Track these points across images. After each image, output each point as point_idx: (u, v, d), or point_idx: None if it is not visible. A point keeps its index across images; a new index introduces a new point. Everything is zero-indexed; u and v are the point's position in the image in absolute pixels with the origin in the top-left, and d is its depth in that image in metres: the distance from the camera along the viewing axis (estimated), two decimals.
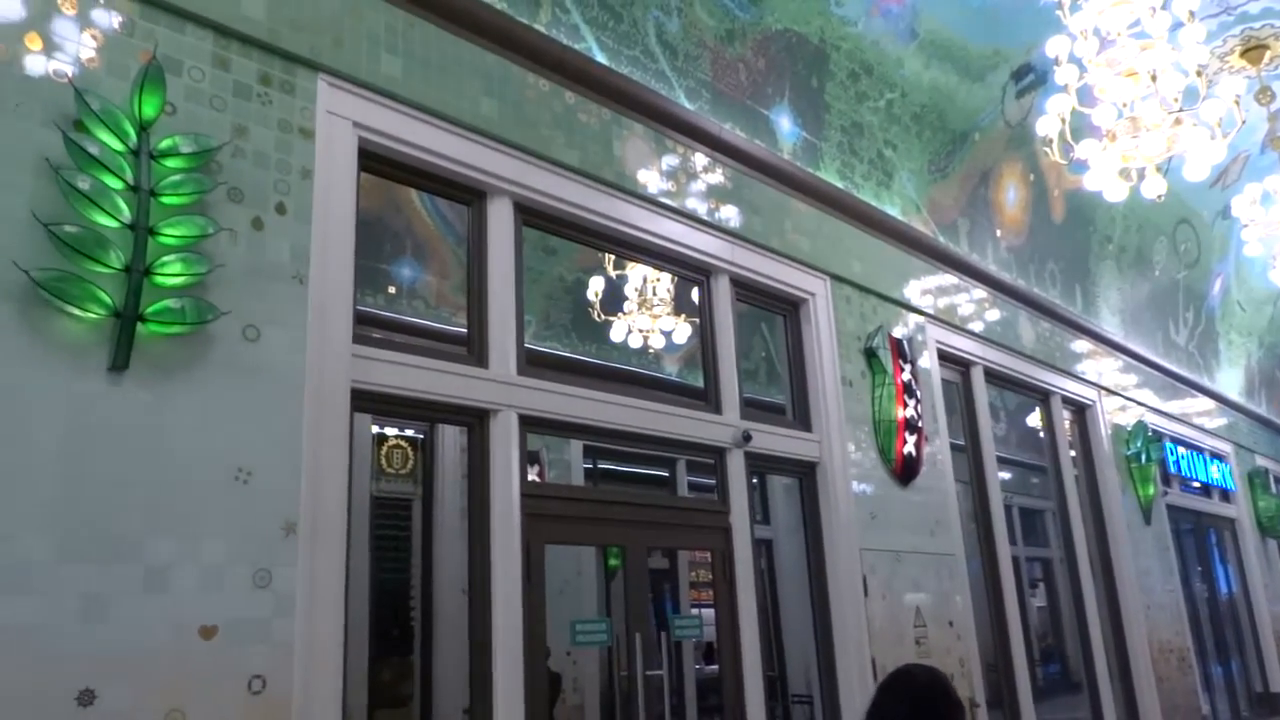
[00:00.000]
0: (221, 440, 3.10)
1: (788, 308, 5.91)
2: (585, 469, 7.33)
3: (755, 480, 5.85)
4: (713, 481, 5.18)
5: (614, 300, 6.81)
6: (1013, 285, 8.12)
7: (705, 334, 5.31)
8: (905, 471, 6.12)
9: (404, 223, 6.46)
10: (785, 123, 6.02)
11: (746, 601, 4.90)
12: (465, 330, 4.18)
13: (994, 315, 7.83)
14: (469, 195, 4.26)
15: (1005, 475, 8.15)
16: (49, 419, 2.78)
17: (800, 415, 5.73)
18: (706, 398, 5.19)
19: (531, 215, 4.47)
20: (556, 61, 4.55)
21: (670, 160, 5.14)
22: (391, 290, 6.72)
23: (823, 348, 5.81)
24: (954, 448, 6.95)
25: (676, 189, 5.12)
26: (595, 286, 6.49)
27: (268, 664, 3.06)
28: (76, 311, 2.85)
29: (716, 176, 5.41)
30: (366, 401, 3.63)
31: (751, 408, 5.45)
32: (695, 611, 6.65)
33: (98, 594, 2.76)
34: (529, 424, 4.15)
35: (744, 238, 5.48)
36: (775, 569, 6.79)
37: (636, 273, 6.54)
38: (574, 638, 4.22)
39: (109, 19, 3.15)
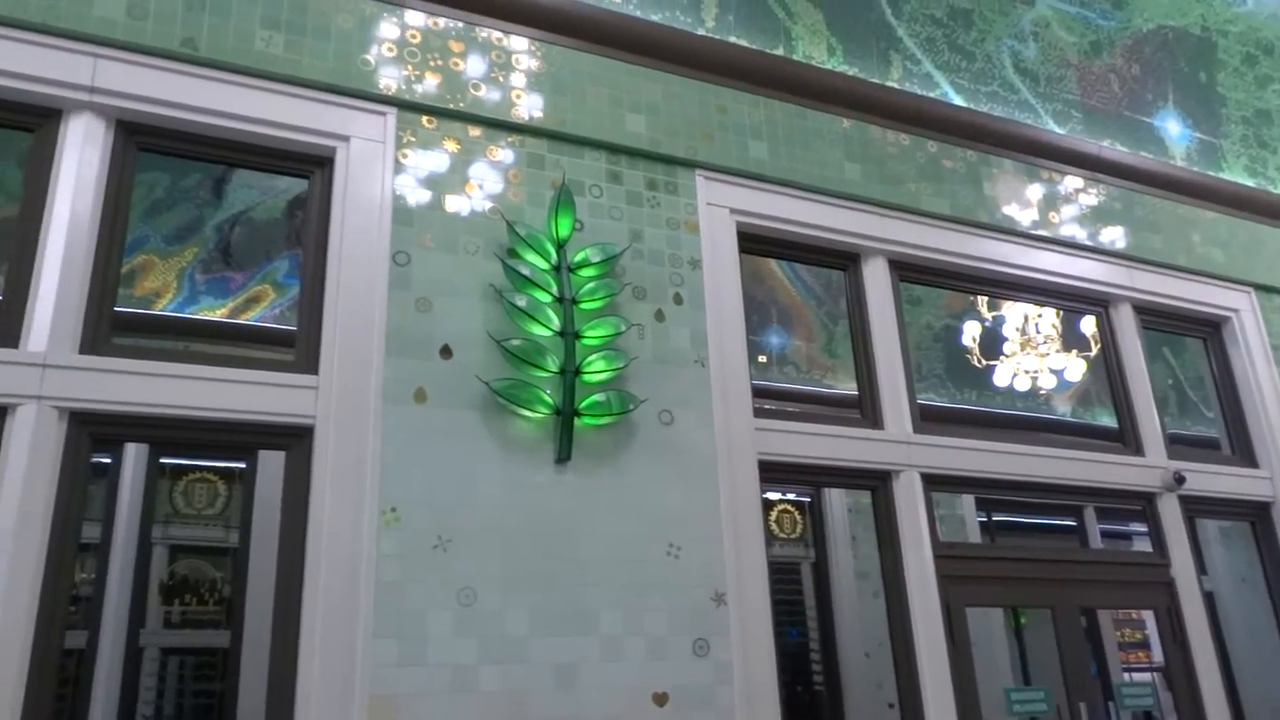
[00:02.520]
0: (652, 518, 3.36)
1: (1207, 329, 5.25)
2: (980, 522, 6.94)
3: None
4: (1127, 529, 4.67)
5: (991, 343, 6.47)
6: None
7: (1111, 368, 4.87)
8: None
9: (767, 292, 6.67)
10: (1174, 127, 5.44)
11: (1206, 665, 4.32)
12: (855, 393, 4.21)
13: None
14: (843, 260, 4.32)
15: None
16: (515, 509, 3.19)
17: (1241, 449, 5.02)
18: (1123, 439, 4.73)
19: (906, 270, 4.43)
20: (914, 114, 4.52)
21: (1046, 190, 4.84)
22: (762, 359, 6.93)
23: (1257, 369, 5.07)
24: None
25: (1057, 218, 4.80)
26: (971, 331, 6.21)
27: None
28: (527, 413, 3.28)
29: (1100, 198, 5.00)
30: (772, 471, 3.75)
31: (1178, 444, 4.86)
32: (1143, 677, 5.96)
33: (568, 663, 3.08)
34: (932, 482, 4.05)
35: (1143, 259, 4.99)
36: (1222, 626, 5.92)
37: (1015, 311, 6.17)
38: (1009, 707, 3.96)
39: (524, 156, 3.65)
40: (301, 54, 3.40)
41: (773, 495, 7.04)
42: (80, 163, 3.07)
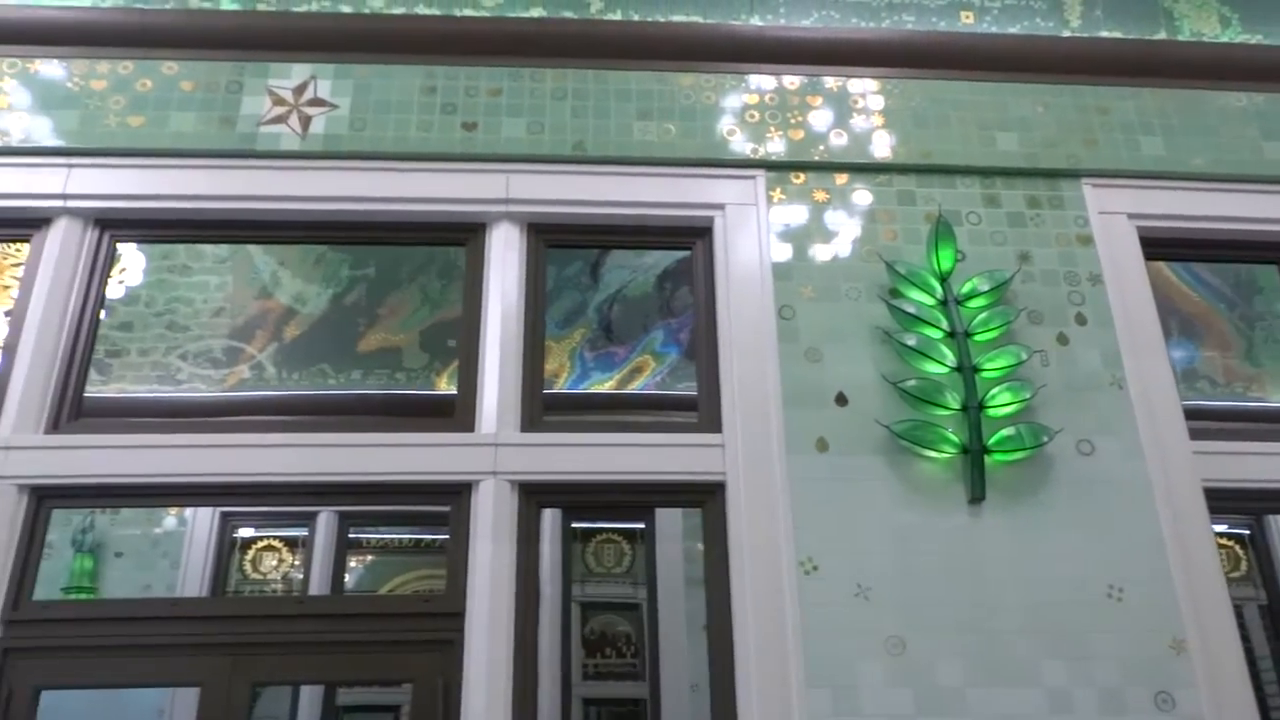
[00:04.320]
0: (1084, 558, 3.09)
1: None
2: None
3: None
4: None
5: None
6: None
7: None
8: None
9: (1162, 301, 5.98)
10: None
11: None
12: None
13: None
14: (1275, 253, 3.76)
15: None
16: (931, 553, 3.08)
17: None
18: None
19: None
20: None
21: None
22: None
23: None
24: None
25: None
26: None
27: None
28: (932, 454, 3.18)
29: None
30: (1221, 500, 3.30)
31: None
32: None
33: (1011, 716, 2.89)
34: None
35: None
36: None
37: None
38: None
39: (893, 195, 3.61)
40: (673, 136, 3.66)
41: None
42: (504, 265, 3.51)
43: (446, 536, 3.24)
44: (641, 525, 5.85)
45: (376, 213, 3.58)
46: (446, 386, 5.78)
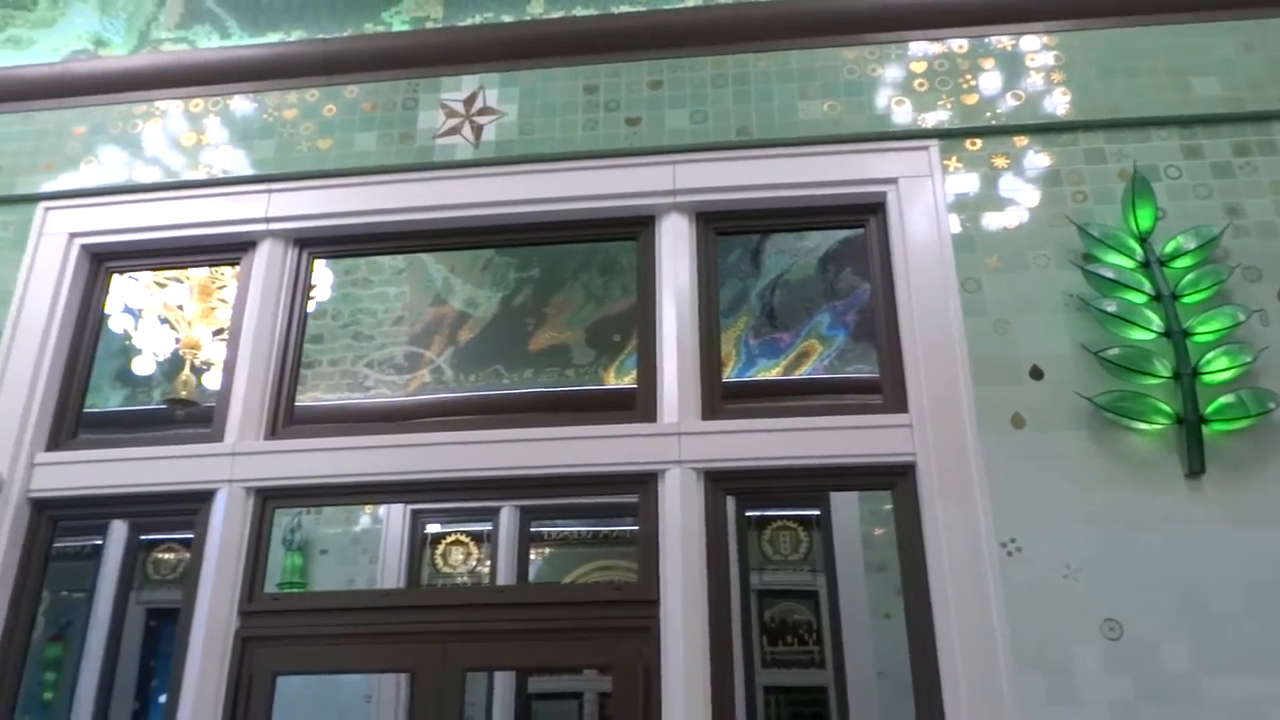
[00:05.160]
0: None
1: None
2: None
3: None
4: None
5: None
6: None
7: None
8: None
9: None
10: None
11: None
12: None
13: None
14: None
15: None
16: (1146, 531, 2.90)
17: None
18: None
19: None
20: None
21: None
22: None
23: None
24: None
25: None
26: None
27: None
28: (1142, 425, 2.98)
29: None
30: None
31: None
32: None
33: (1252, 703, 2.68)
34: None
35: None
36: None
37: None
38: None
39: (1079, 154, 3.41)
40: (839, 112, 3.58)
41: None
42: (675, 255, 3.53)
43: (623, 528, 3.30)
44: (816, 512, 5.77)
45: (548, 213, 3.67)
46: (614, 380, 5.90)
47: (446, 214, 3.68)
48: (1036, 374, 3.12)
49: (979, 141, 3.50)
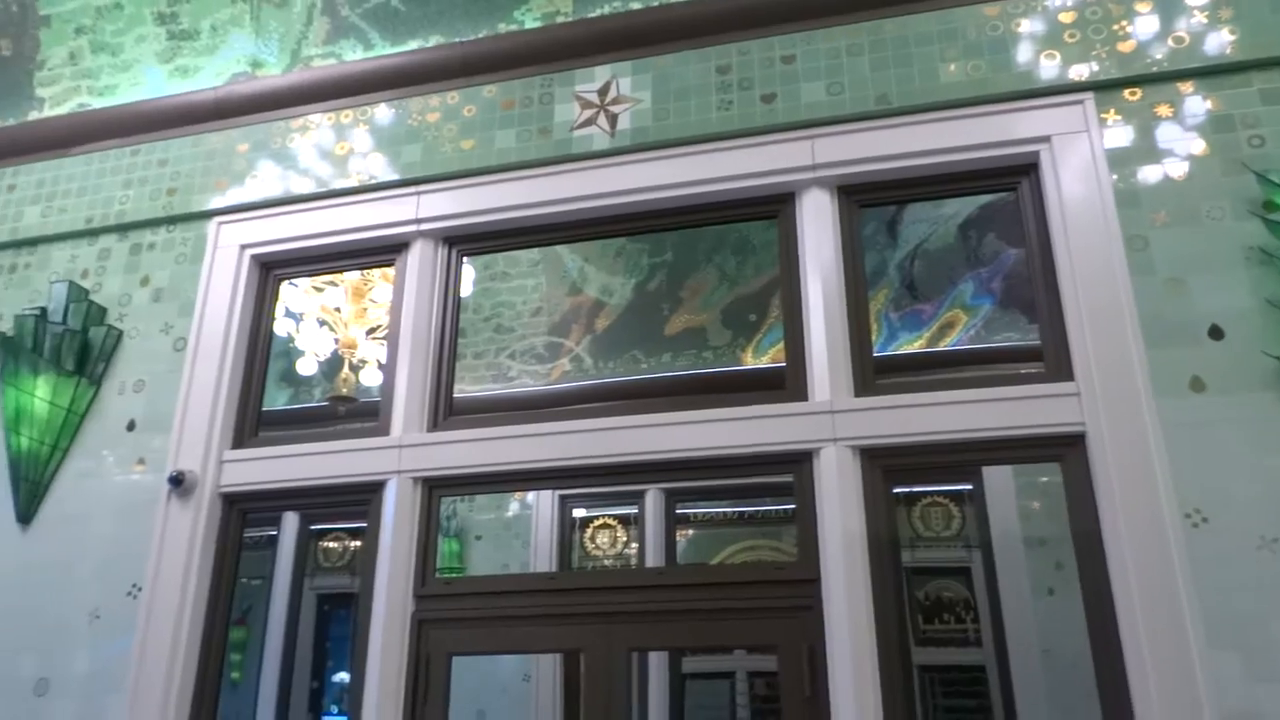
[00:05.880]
0: None
1: None
2: None
3: None
4: None
5: None
6: None
7: None
8: None
9: None
10: None
11: None
12: None
13: None
14: None
15: None
16: None
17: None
18: None
19: None
20: None
21: None
22: None
23: None
24: None
25: None
26: None
27: None
28: None
29: None
30: None
31: None
32: None
33: None
34: None
35: None
36: None
37: None
38: None
39: (1256, 95, 3.17)
40: (983, 72, 3.44)
41: None
42: (818, 231, 3.48)
43: (767, 508, 3.28)
44: (968, 487, 5.61)
45: (687, 197, 3.68)
46: (752, 360, 5.88)
47: (587, 204, 3.73)
48: (1216, 334, 2.94)
49: (1138, 91, 3.30)
